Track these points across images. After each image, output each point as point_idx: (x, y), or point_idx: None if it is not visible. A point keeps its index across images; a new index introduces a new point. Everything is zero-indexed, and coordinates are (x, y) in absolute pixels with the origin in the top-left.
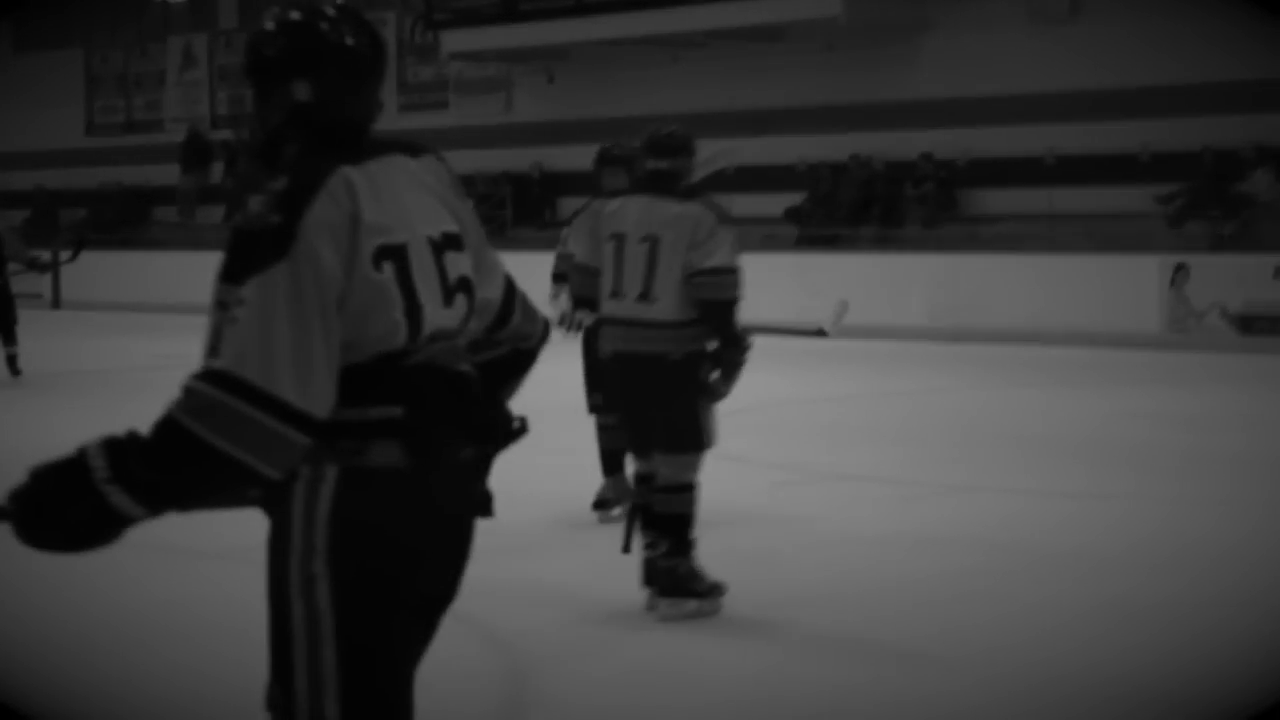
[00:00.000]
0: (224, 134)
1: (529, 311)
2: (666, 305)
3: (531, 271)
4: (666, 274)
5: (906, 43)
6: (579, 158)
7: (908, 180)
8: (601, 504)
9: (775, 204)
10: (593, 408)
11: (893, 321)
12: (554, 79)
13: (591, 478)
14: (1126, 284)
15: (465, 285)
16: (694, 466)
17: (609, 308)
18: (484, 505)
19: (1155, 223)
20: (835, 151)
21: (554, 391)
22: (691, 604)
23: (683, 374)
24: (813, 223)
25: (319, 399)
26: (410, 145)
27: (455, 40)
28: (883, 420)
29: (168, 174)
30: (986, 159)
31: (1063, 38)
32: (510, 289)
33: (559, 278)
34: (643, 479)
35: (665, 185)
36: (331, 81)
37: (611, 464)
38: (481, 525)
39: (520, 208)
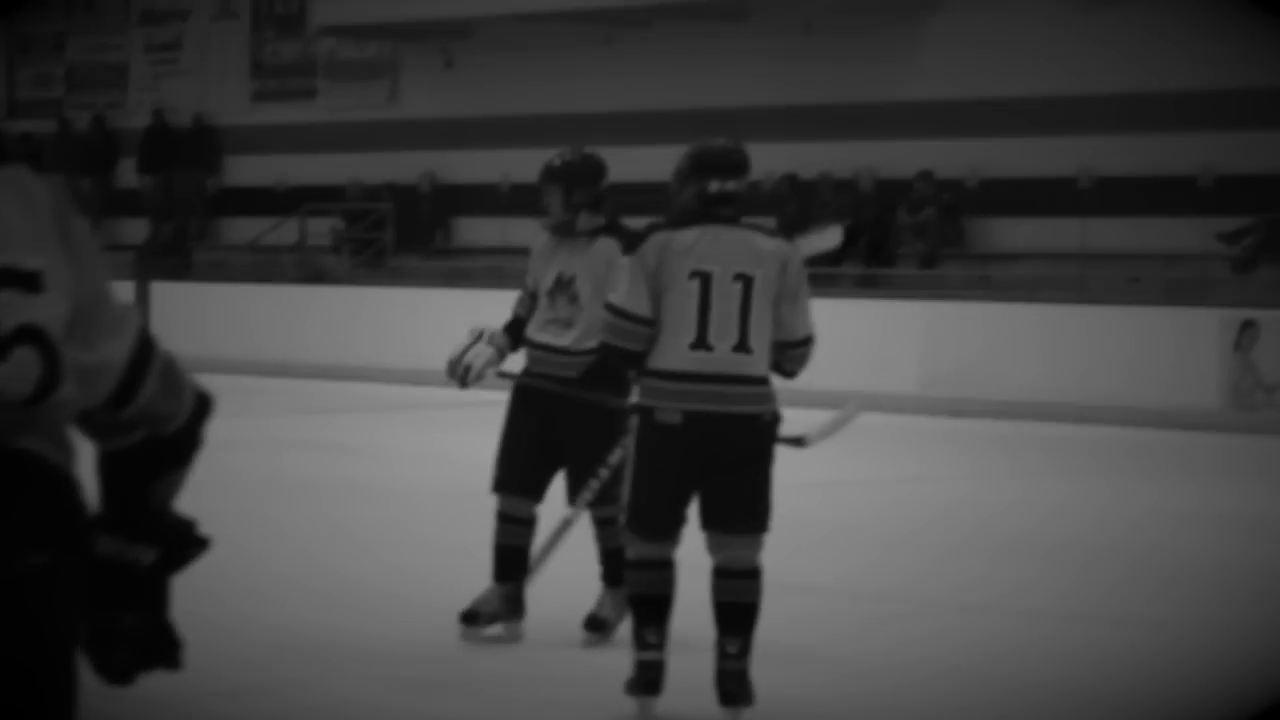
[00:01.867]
0: (25, 124)
1: (171, 385)
2: (760, 358)
3: (416, 310)
4: (760, 321)
5: (905, 27)
6: (482, 166)
7: (902, 204)
8: (471, 617)
9: None
10: (500, 484)
11: (877, 387)
12: (452, 63)
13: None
14: (1178, 346)
15: (33, 337)
16: (762, 547)
17: (687, 362)
18: (159, 650)
19: (1218, 266)
20: (810, 164)
21: (436, 467)
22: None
23: (771, 438)
24: None
25: None
26: None
27: (327, 11)
28: (860, 517)
29: None
30: (1002, 179)
31: (1101, 27)
32: (142, 354)
33: (515, 330)
34: (723, 573)
35: (735, 213)
36: None
37: (508, 566)
38: (336, 647)
39: (405, 229)
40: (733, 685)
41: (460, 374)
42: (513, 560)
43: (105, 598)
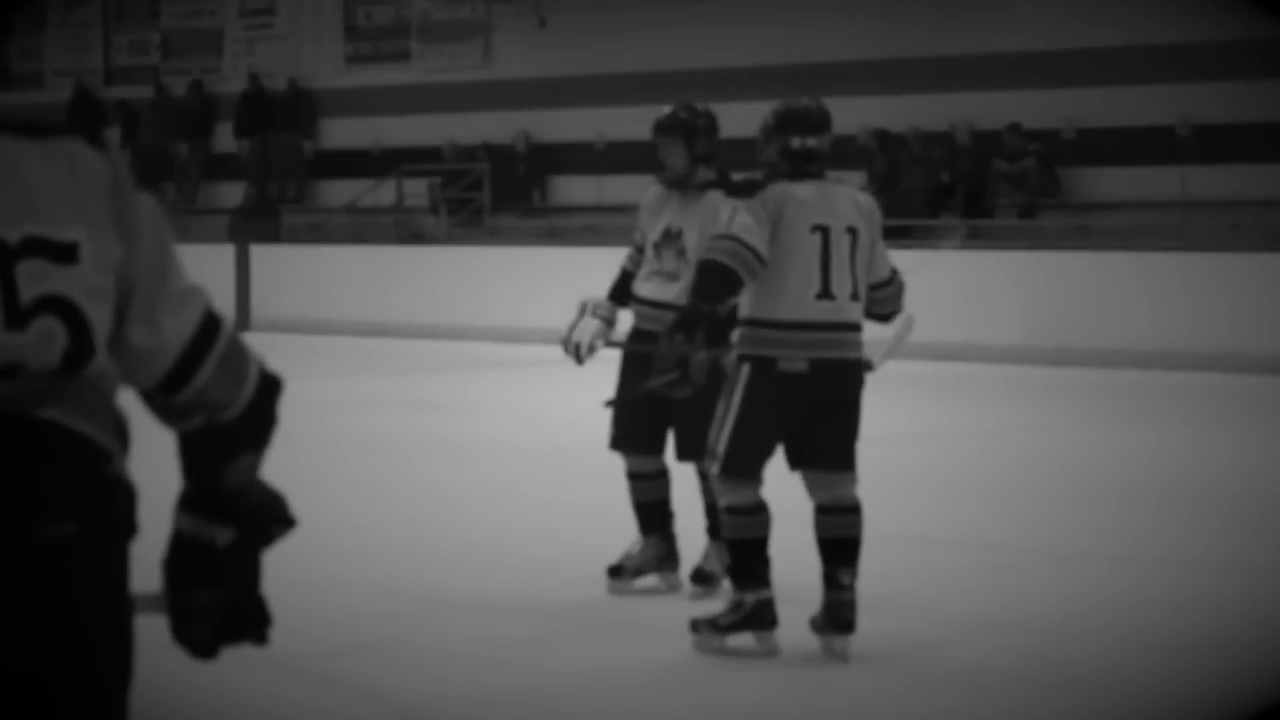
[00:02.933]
0: (121, 91)
1: (230, 372)
2: (862, 305)
3: (515, 270)
4: (862, 270)
5: None
6: (576, 125)
7: (999, 156)
8: (617, 570)
9: None
10: (616, 443)
11: (978, 338)
12: (546, 23)
13: (590, 538)
14: None
15: (57, 308)
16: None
17: (814, 312)
18: (242, 627)
19: None
20: (906, 118)
21: (536, 424)
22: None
23: (864, 380)
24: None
25: None
26: (36, 126)
27: None
28: (963, 467)
29: None
30: (1099, 129)
31: None
32: (203, 339)
33: (623, 287)
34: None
35: (820, 169)
36: None
37: (651, 519)
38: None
39: (501, 189)
40: (848, 614)
41: (574, 351)
42: (654, 513)
43: (184, 575)
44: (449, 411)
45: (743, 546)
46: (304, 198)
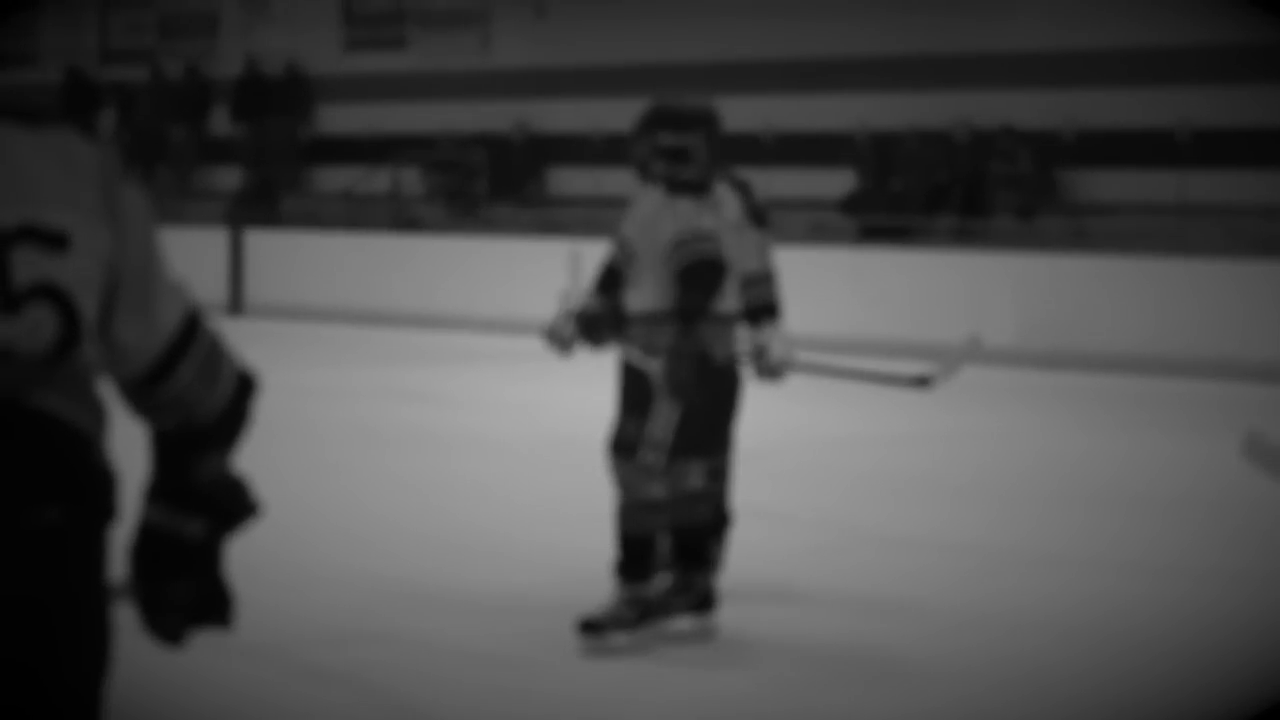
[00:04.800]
0: (117, 72)
1: (208, 373)
2: None
3: (509, 261)
4: None
5: None
6: (573, 116)
7: (996, 156)
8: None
9: (825, 183)
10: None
11: None
12: (545, 12)
13: (582, 534)
14: (1278, 299)
15: (50, 295)
16: None
17: (728, 304)
18: (209, 612)
19: None
20: (904, 116)
21: (530, 416)
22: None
23: None
24: (873, 209)
25: None
26: (29, 114)
27: None
28: (954, 469)
29: None
30: (1098, 131)
31: None
32: (184, 337)
33: (611, 279)
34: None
35: (696, 166)
36: None
37: None
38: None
39: (498, 179)
40: (715, 593)
41: (560, 345)
42: None
43: (155, 566)
44: (440, 403)
45: (644, 542)
46: (299, 183)
